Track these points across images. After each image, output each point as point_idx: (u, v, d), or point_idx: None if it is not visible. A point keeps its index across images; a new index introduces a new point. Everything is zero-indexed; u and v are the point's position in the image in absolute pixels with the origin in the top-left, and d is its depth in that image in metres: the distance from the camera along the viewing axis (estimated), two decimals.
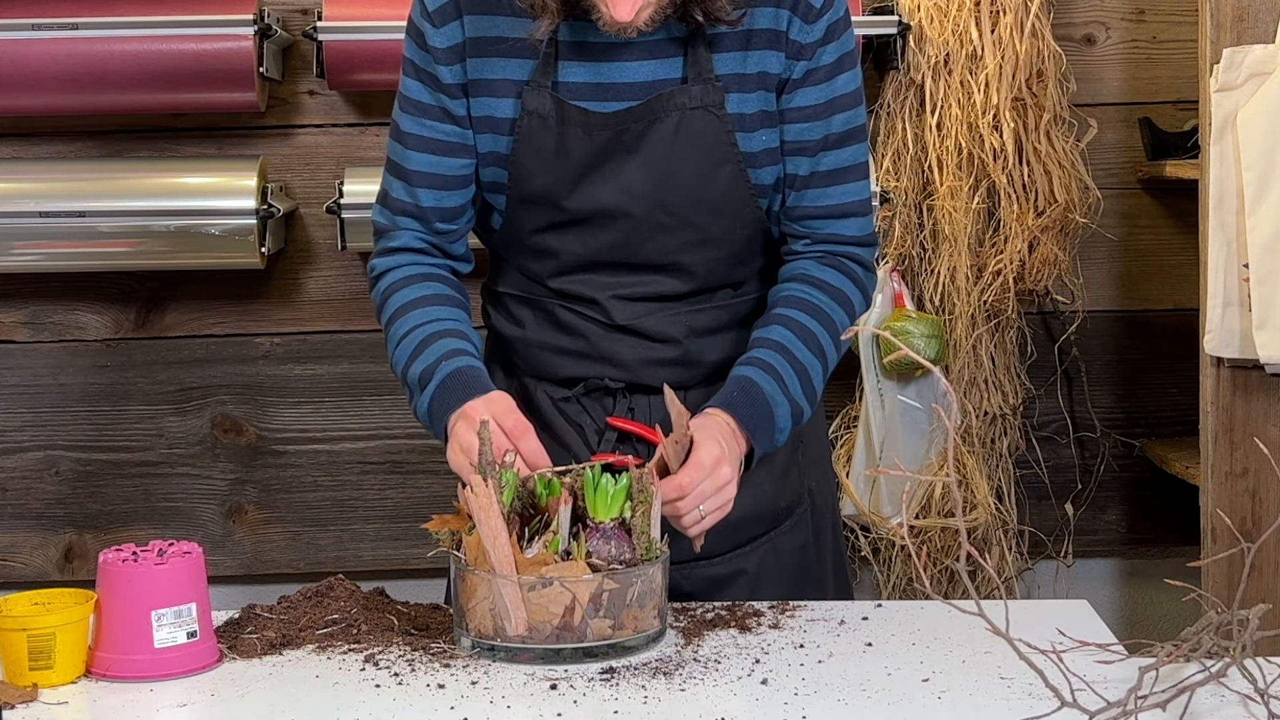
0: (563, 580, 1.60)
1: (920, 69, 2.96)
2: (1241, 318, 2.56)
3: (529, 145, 1.85)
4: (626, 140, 1.83)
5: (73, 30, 2.85)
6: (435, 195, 1.91)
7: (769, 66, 1.85)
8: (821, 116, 1.89)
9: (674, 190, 1.84)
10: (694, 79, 1.83)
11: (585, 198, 1.86)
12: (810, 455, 2.02)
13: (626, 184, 1.84)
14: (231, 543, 3.17)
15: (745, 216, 1.89)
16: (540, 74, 1.84)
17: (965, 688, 1.53)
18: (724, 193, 1.86)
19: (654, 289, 1.90)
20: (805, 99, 1.88)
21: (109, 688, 1.58)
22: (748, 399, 1.81)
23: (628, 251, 1.88)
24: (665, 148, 1.83)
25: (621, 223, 1.86)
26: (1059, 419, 3.21)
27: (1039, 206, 2.99)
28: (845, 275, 1.92)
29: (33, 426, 3.14)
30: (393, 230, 1.94)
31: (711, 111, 1.83)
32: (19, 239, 2.91)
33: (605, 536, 1.65)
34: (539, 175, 1.86)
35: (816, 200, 1.91)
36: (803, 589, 1.95)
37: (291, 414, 3.15)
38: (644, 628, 1.64)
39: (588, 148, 1.84)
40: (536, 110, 1.84)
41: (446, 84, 1.87)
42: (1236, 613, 1.47)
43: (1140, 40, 3.15)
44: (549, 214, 1.88)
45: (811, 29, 1.85)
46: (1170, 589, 3.16)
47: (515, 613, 1.61)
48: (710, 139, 1.84)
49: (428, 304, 1.89)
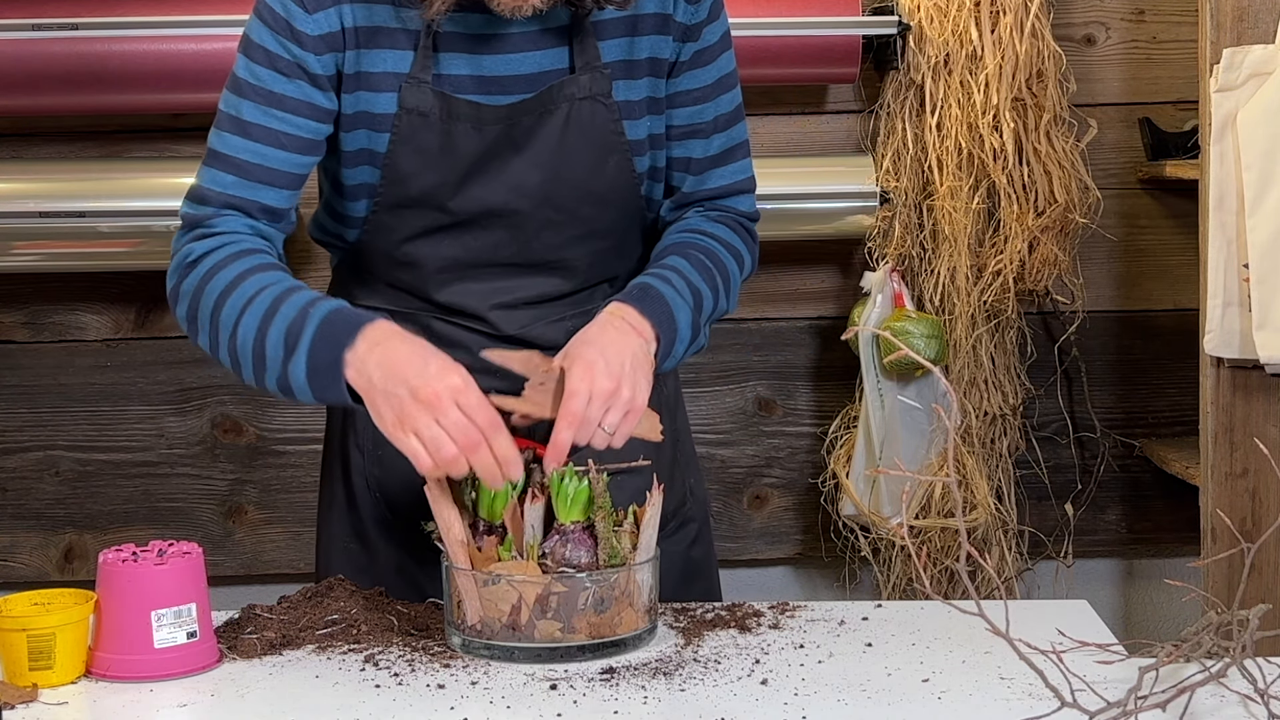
0: (509, 579, 1.60)
1: (920, 69, 2.96)
2: (1241, 318, 2.56)
3: (409, 144, 1.74)
4: (515, 136, 1.76)
5: (73, 30, 2.85)
6: (274, 193, 1.74)
7: (659, 52, 1.80)
8: (711, 98, 1.85)
9: (563, 185, 1.78)
10: (582, 68, 1.76)
11: (471, 199, 1.77)
12: (686, 452, 2.00)
13: (515, 181, 1.77)
14: (231, 543, 3.17)
15: (629, 206, 1.84)
16: (419, 68, 1.72)
17: (965, 688, 1.53)
18: (611, 183, 1.81)
19: (535, 291, 1.83)
20: (694, 81, 1.84)
21: (109, 688, 1.58)
22: (647, 296, 1.74)
23: (511, 251, 1.80)
24: (555, 141, 1.77)
25: (507, 221, 1.78)
26: (1059, 419, 3.21)
27: (1039, 207, 2.99)
28: (735, 233, 1.89)
29: (33, 426, 3.14)
30: (212, 219, 1.74)
31: (600, 101, 1.77)
32: (19, 239, 2.92)
33: (565, 539, 1.65)
34: (420, 176, 1.75)
35: (711, 183, 1.89)
36: (691, 588, 1.93)
37: (291, 414, 3.15)
38: (627, 628, 1.64)
39: (476, 144, 1.75)
40: (417, 107, 1.72)
41: (315, 73, 1.72)
42: (1236, 613, 1.47)
43: (1140, 40, 3.15)
44: (427, 218, 1.78)
45: (696, 9, 1.81)
46: (1170, 589, 3.18)
47: (470, 603, 1.62)
48: (599, 129, 1.78)
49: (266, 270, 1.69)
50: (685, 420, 2.04)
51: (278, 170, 1.74)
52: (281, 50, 1.73)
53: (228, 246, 1.72)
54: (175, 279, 1.74)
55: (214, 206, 1.74)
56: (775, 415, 3.20)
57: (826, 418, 3.16)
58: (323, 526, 1.96)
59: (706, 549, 2.01)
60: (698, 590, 1.94)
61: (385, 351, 1.60)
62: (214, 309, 1.68)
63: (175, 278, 1.74)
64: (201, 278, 1.70)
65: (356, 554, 1.90)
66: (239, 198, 1.73)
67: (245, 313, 1.66)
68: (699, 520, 2.00)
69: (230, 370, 1.72)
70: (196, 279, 1.71)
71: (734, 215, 1.91)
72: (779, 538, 3.21)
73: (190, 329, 1.74)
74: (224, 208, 1.74)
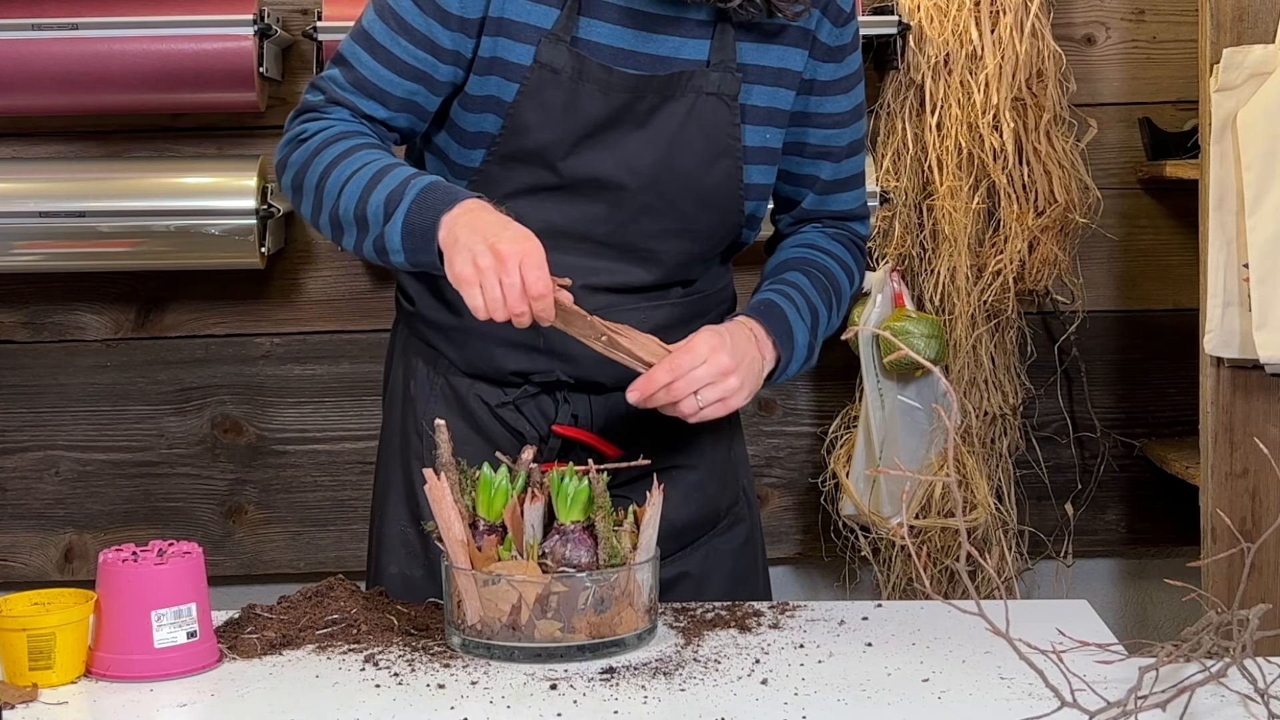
0: (509, 579, 1.60)
1: (920, 69, 2.96)
2: (1241, 318, 2.56)
3: (536, 98, 1.78)
4: (638, 111, 1.79)
5: (73, 30, 2.85)
6: (386, 111, 1.83)
7: (791, 63, 1.84)
8: (849, 123, 1.91)
9: (672, 173, 1.81)
10: (716, 64, 1.80)
11: (582, 163, 1.80)
12: (740, 452, 2.02)
13: (627, 157, 1.80)
14: (231, 543, 3.17)
15: (729, 216, 1.87)
16: (561, 26, 1.77)
17: (965, 688, 1.53)
18: (718, 186, 1.83)
19: (619, 278, 1.84)
20: (837, 105, 1.89)
21: (109, 688, 1.58)
22: (773, 315, 1.81)
23: (606, 230, 1.83)
24: (674, 128, 1.80)
25: (611, 196, 1.81)
26: (1059, 419, 3.21)
27: (1039, 206, 2.99)
28: (846, 248, 1.95)
29: (33, 426, 3.14)
30: (326, 107, 1.83)
31: (725, 100, 1.80)
32: (19, 239, 2.91)
33: (565, 539, 1.65)
34: (539, 131, 1.79)
35: (835, 205, 1.95)
36: (740, 588, 1.94)
37: (291, 414, 3.15)
38: (627, 628, 1.63)
39: (599, 109, 1.78)
40: (550, 63, 1.77)
41: (448, 13, 1.78)
42: (1236, 613, 1.47)
43: (1140, 40, 3.15)
44: (536, 175, 1.81)
45: (842, 33, 1.86)
46: (1170, 589, 3.17)
47: (470, 602, 1.62)
48: (718, 128, 1.81)
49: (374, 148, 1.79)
50: (740, 422, 2.06)
51: (389, 93, 1.81)
52: None
53: (337, 126, 1.81)
54: (285, 151, 1.83)
55: (328, 100, 1.83)
56: (775, 415, 3.20)
57: (826, 418, 3.16)
58: (378, 514, 1.99)
59: (755, 551, 2.01)
60: (744, 591, 1.94)
61: (474, 216, 1.68)
62: (320, 178, 1.77)
63: (285, 150, 1.83)
64: (311, 151, 1.79)
65: (413, 540, 1.92)
66: (351, 102, 1.82)
67: (349, 182, 1.74)
68: (750, 521, 2.01)
69: (329, 236, 1.80)
70: (306, 152, 1.80)
71: (849, 234, 1.97)
72: (779, 537, 3.21)
73: (295, 198, 1.82)
74: (336, 104, 1.82)
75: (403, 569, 1.91)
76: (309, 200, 1.79)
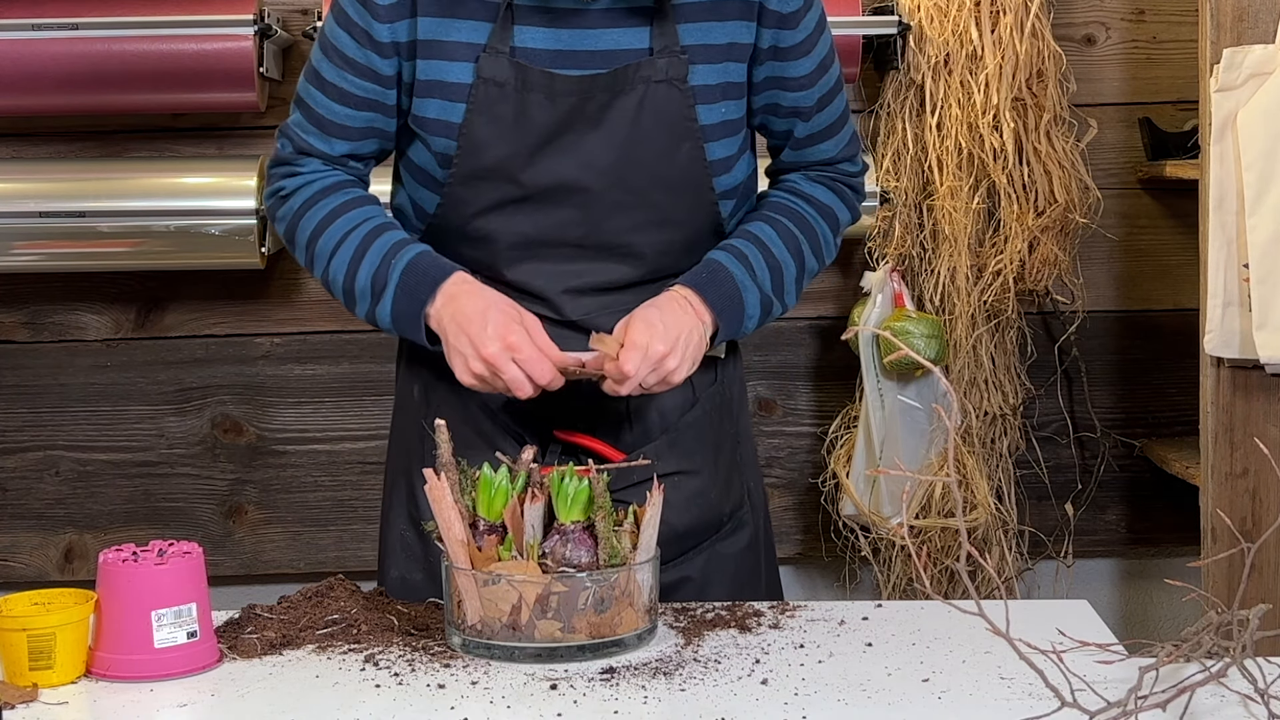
0: (510, 579, 1.60)
1: (920, 69, 2.96)
2: (1241, 318, 2.56)
3: (485, 114, 1.78)
4: (589, 111, 1.79)
5: (73, 30, 2.85)
6: (350, 145, 1.86)
7: (739, 37, 1.82)
8: (814, 83, 1.89)
9: (635, 166, 1.81)
10: (660, 51, 1.79)
11: (544, 171, 1.80)
12: (747, 455, 2.02)
13: (587, 157, 1.80)
14: (231, 543, 3.17)
15: (701, 198, 1.86)
16: (497, 38, 1.77)
17: (965, 688, 1.53)
18: (683, 172, 1.83)
19: (604, 277, 1.85)
20: (799, 69, 1.87)
21: (109, 688, 1.58)
22: (714, 280, 1.82)
23: (581, 232, 1.83)
24: (629, 122, 1.79)
25: (578, 199, 1.81)
26: (1059, 419, 3.21)
27: (1039, 206, 2.99)
28: (833, 192, 1.95)
29: (33, 426, 3.14)
30: (296, 159, 1.88)
31: (675, 85, 1.79)
32: (19, 239, 2.92)
33: (565, 539, 1.65)
34: (494, 146, 1.79)
35: (815, 156, 1.95)
36: (742, 592, 1.93)
37: (291, 414, 3.15)
38: (628, 628, 1.63)
39: (550, 115, 1.78)
40: (494, 77, 1.77)
41: (380, 42, 1.79)
42: (1236, 613, 1.47)
43: (1140, 40, 3.15)
44: (500, 190, 1.81)
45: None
46: (1170, 589, 3.18)
47: (470, 602, 1.62)
48: (673, 114, 1.80)
49: (353, 206, 1.84)
50: (748, 424, 2.06)
51: (349, 126, 1.85)
52: (356, 16, 1.81)
53: (315, 182, 1.86)
54: (270, 203, 1.91)
55: (296, 150, 1.88)
56: (775, 415, 3.20)
57: (826, 418, 3.16)
58: (386, 516, 2.00)
59: (759, 554, 2.00)
60: (747, 595, 1.93)
61: (456, 308, 1.75)
62: (309, 241, 1.85)
63: (270, 201, 1.91)
64: (295, 213, 1.86)
65: (412, 543, 1.93)
66: (315, 147, 1.87)
67: (336, 253, 1.82)
68: (755, 524, 2.00)
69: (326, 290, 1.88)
70: (290, 212, 1.87)
71: (833, 174, 1.96)
72: (779, 537, 3.21)
73: (290, 249, 1.89)
74: (302, 154, 1.88)
75: (403, 572, 1.92)
76: (303, 258, 1.87)
